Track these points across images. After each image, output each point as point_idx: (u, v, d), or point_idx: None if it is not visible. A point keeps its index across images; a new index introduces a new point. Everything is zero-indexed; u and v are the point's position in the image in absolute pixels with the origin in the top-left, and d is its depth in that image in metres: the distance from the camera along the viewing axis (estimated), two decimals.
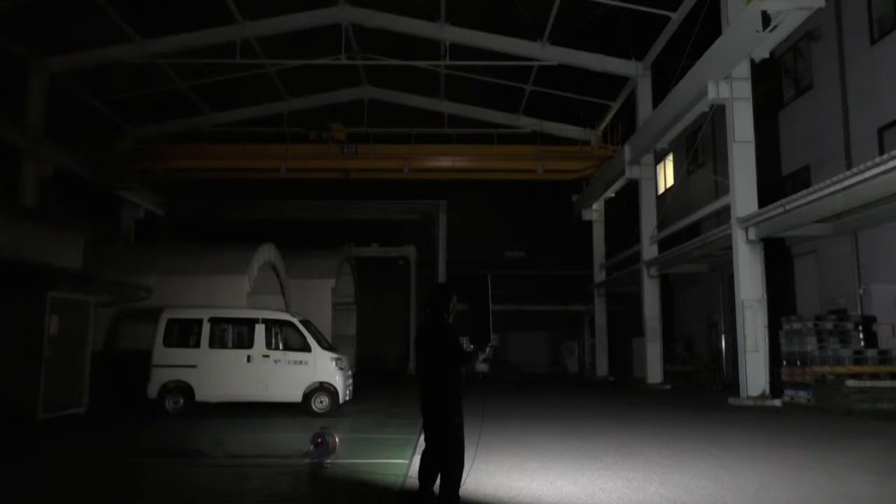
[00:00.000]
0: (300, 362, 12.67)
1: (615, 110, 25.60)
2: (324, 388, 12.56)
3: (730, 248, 15.23)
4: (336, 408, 12.52)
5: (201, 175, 26.68)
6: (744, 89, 14.96)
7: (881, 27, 14.42)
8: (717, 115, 17.25)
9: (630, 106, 23.59)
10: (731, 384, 17.14)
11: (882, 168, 10.60)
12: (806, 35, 16.61)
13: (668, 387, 19.95)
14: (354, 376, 14.50)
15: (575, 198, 28.44)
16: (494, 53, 22.46)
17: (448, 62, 22.67)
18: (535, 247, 32.90)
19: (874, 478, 6.75)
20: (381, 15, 21.56)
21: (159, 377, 12.41)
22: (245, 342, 12.94)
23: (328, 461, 7.24)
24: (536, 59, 22.35)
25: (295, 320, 13.08)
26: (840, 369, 13.23)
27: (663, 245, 21.40)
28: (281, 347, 12.88)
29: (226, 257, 16.18)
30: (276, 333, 13.01)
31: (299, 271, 18.98)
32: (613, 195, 25.39)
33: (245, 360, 12.62)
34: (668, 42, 20.18)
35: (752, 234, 14.62)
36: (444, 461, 5.37)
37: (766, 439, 9.39)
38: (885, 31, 14.23)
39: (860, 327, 14.16)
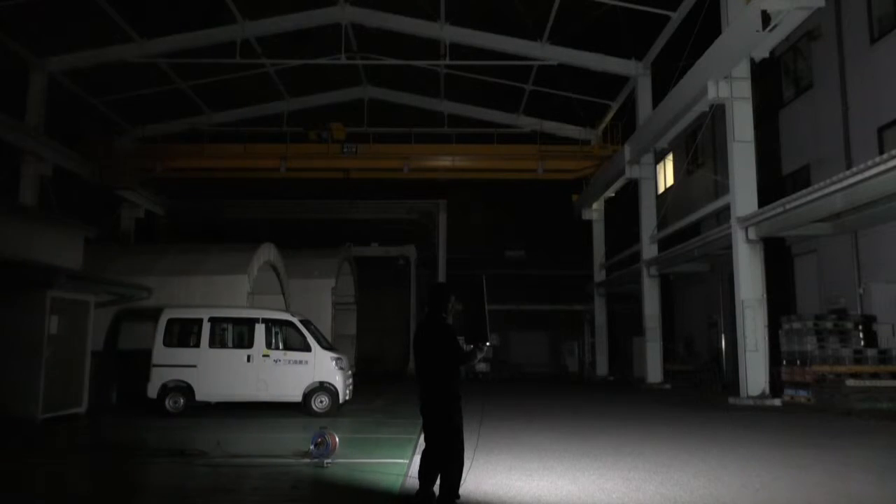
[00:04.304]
0: (300, 362, 12.68)
1: (615, 110, 25.59)
2: (324, 387, 12.56)
3: (730, 247, 15.22)
4: (336, 407, 12.52)
5: (201, 175, 26.69)
6: (744, 89, 14.95)
7: (881, 27, 14.42)
8: (717, 114, 17.25)
9: (630, 105, 23.58)
10: (731, 384, 17.13)
11: (882, 168, 10.60)
12: (806, 35, 16.61)
13: (668, 386, 19.95)
14: (354, 376, 14.51)
15: (575, 197, 28.44)
16: (494, 53, 22.45)
17: (448, 62, 22.66)
18: (535, 247, 32.89)
19: (875, 477, 6.75)
20: (381, 15, 21.55)
21: (159, 377, 12.41)
22: (245, 342, 12.95)
23: (328, 461, 7.24)
24: (536, 59, 22.35)
25: (295, 320, 13.08)
26: (840, 369, 13.24)
27: (663, 245, 21.40)
28: (281, 347, 12.89)
29: (226, 257, 16.17)
30: (276, 333, 13.01)
31: (299, 271, 18.97)
32: (613, 195, 25.37)
33: (245, 359, 12.62)
34: (668, 42, 20.17)
35: (752, 234, 14.62)
36: (444, 461, 5.37)
37: (767, 439, 9.39)
38: (885, 31, 14.24)
39: (860, 327, 14.17)
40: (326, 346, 13.40)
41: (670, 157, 24.93)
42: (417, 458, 5.80)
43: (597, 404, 15.00)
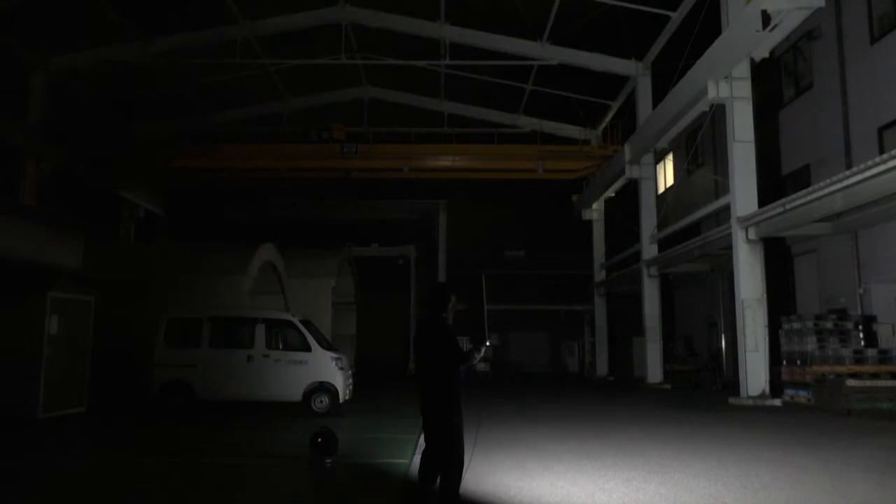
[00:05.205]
0: (300, 362, 12.67)
1: (615, 110, 25.60)
2: (324, 387, 12.55)
3: (730, 247, 15.23)
4: (336, 407, 12.52)
5: (201, 175, 26.69)
6: (744, 89, 14.96)
7: (881, 27, 14.42)
8: (717, 114, 17.25)
9: (630, 105, 23.59)
10: (731, 384, 17.13)
11: (882, 168, 10.60)
12: (806, 34, 16.61)
13: (668, 386, 19.96)
14: (354, 376, 14.51)
15: (575, 197, 28.45)
16: (494, 53, 22.47)
17: (448, 62, 22.68)
18: (535, 247, 32.89)
19: (875, 477, 6.75)
20: (381, 15, 21.57)
21: (160, 376, 12.42)
22: (245, 342, 12.94)
23: (328, 461, 7.23)
24: (536, 59, 22.36)
25: (295, 320, 13.08)
26: (840, 369, 13.23)
27: (663, 244, 21.41)
28: (281, 347, 12.90)
29: (226, 257, 16.18)
30: (276, 333, 13.02)
31: (299, 271, 18.97)
32: (613, 195, 25.40)
33: (245, 359, 12.62)
34: (668, 42, 20.19)
35: (752, 234, 14.62)
36: (444, 461, 5.36)
37: (767, 439, 9.39)
38: (885, 31, 14.23)
39: (860, 327, 14.17)
40: (326, 346, 13.40)
41: (670, 157, 24.93)
42: (417, 458, 5.79)
43: (597, 404, 15.00)
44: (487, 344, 5.86)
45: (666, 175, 25.46)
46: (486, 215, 31.64)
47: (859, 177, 11.16)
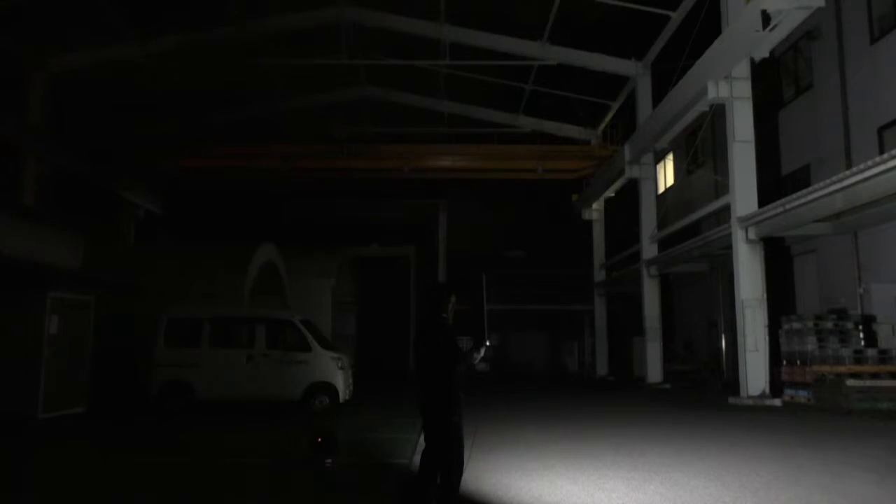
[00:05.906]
0: (300, 361, 12.70)
1: (615, 110, 25.59)
2: (324, 387, 12.57)
3: (730, 247, 15.23)
4: (336, 407, 12.54)
5: (201, 175, 26.69)
6: (744, 89, 14.95)
7: (881, 27, 14.42)
8: (717, 114, 17.24)
9: (630, 105, 23.59)
10: (731, 383, 17.13)
11: (882, 168, 10.60)
12: (806, 34, 16.61)
13: (667, 386, 19.95)
14: (354, 376, 14.52)
15: (575, 197, 28.45)
16: (494, 53, 22.46)
17: (448, 62, 22.67)
18: (535, 247, 32.88)
19: (875, 477, 6.75)
20: (381, 15, 21.57)
21: (160, 376, 12.44)
22: (245, 342, 12.96)
23: (328, 461, 7.24)
24: (536, 59, 22.35)
25: (295, 320, 13.10)
26: (840, 369, 13.22)
27: (663, 244, 21.40)
28: (281, 347, 12.91)
29: (226, 257, 16.20)
30: (277, 333, 13.03)
31: (299, 271, 19.00)
32: (613, 195, 25.39)
33: (245, 359, 12.63)
34: (668, 42, 20.18)
35: (751, 234, 14.62)
36: (444, 461, 5.36)
37: (767, 439, 9.39)
38: (885, 31, 14.23)
39: (860, 327, 14.16)
40: (326, 345, 13.41)
41: (670, 157, 24.94)
42: (417, 458, 5.79)
43: (597, 404, 15.00)
44: (487, 344, 5.85)
45: (666, 175, 25.46)
46: (486, 215, 31.65)
47: (859, 177, 11.15)
